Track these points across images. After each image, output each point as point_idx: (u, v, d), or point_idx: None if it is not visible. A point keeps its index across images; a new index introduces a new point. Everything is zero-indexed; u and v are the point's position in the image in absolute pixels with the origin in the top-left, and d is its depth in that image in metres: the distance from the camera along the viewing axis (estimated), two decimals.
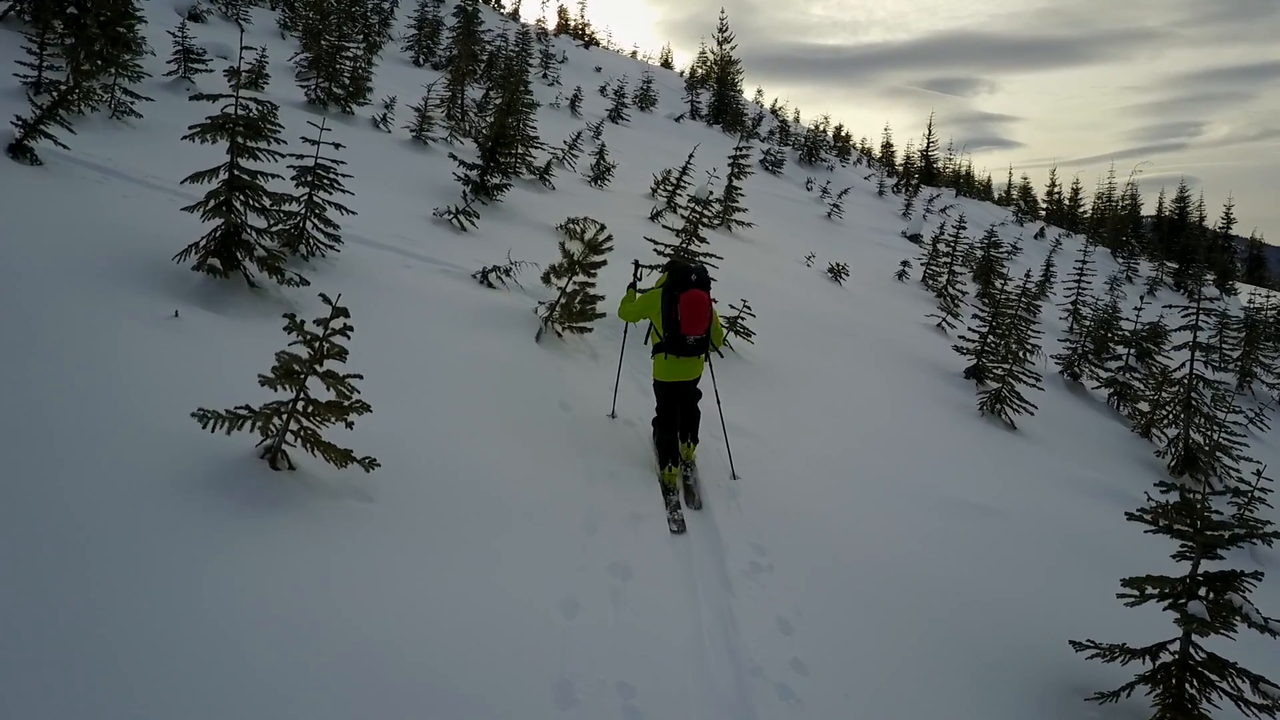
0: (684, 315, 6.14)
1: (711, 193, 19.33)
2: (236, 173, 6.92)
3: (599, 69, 44.86)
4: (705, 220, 9.32)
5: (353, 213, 8.29)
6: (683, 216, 9.49)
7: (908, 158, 57.00)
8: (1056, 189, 59.09)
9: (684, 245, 9.45)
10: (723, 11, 44.81)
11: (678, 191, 19.48)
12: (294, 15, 26.89)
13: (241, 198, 6.98)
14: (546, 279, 8.42)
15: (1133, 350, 14.36)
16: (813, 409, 8.70)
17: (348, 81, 16.23)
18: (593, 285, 8.23)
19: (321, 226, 8.12)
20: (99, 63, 10.90)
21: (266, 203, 7.15)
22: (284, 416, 4.46)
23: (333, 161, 8.11)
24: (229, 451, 4.50)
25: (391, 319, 7.23)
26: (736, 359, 9.46)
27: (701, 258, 9.46)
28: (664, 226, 9.84)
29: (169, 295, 6.41)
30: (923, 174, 49.13)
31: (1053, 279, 27.26)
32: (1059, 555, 6.91)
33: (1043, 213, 55.54)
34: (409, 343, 6.86)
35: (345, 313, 4.48)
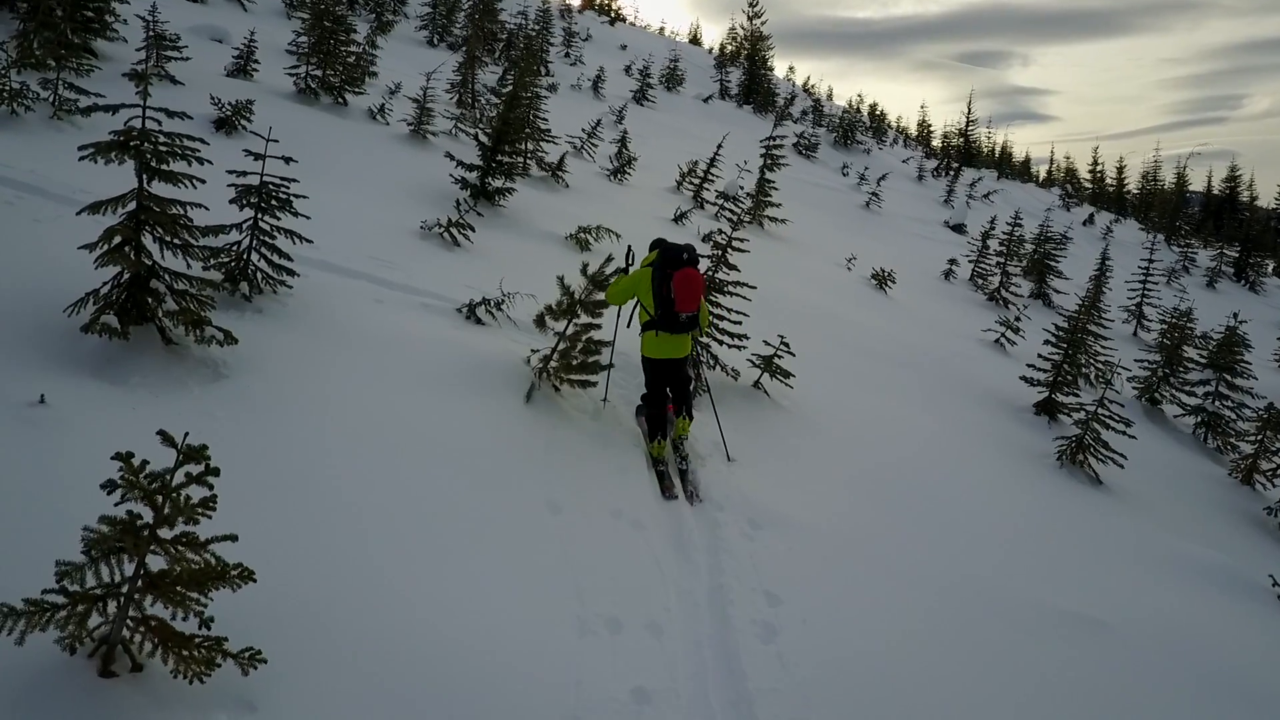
0: (679, 293, 6.11)
1: (742, 188, 17.77)
2: (146, 202, 5.48)
3: (624, 46, 43.00)
4: (735, 244, 7.78)
5: (308, 240, 6.82)
6: (710, 238, 7.92)
7: (945, 137, 54.63)
8: (1099, 167, 56.49)
9: (711, 272, 7.93)
10: None
11: (705, 185, 17.89)
12: None
13: (155, 233, 5.55)
14: (540, 322, 6.94)
15: (1223, 375, 12.60)
16: (867, 476, 7.17)
17: (341, 68, 14.71)
18: (598, 328, 6.74)
19: (270, 256, 6.68)
20: (37, 53, 9.53)
21: (191, 238, 5.71)
22: (117, 602, 3.04)
23: (283, 179, 6.62)
24: (41, 648, 3.08)
25: (341, 382, 5.79)
26: (774, 407, 7.95)
27: (731, 287, 7.94)
28: (702, 254, 8.27)
29: (50, 363, 5.03)
30: (962, 154, 46.75)
31: (1109, 273, 25.32)
32: (1198, 697, 5.35)
33: (1086, 190, 52.99)
34: (356, 420, 5.41)
35: (200, 454, 3.01)
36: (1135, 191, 53.89)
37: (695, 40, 58.85)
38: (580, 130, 18.70)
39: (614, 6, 54.84)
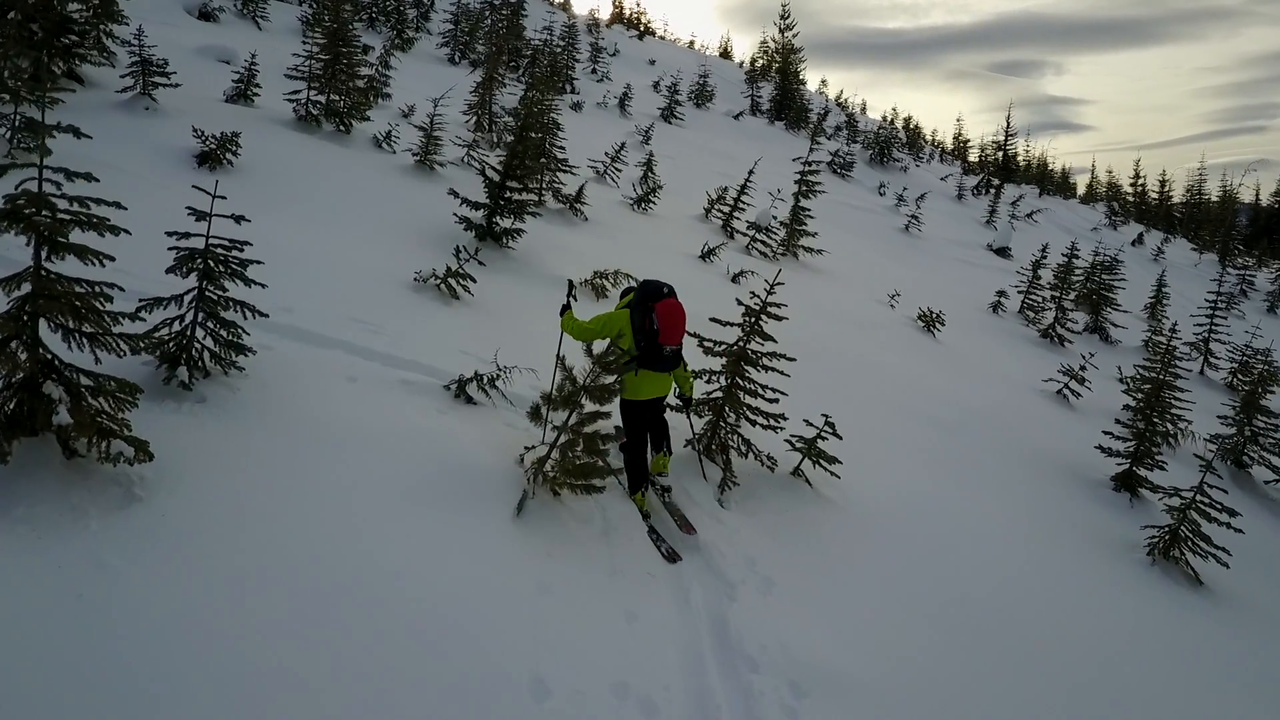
0: (663, 324, 5.81)
1: (775, 218, 16.58)
2: (44, 287, 4.42)
3: (653, 62, 42.08)
4: (770, 310, 6.61)
5: (263, 315, 5.73)
6: (739, 279, 6.79)
7: (982, 151, 53.05)
8: (1141, 179, 54.35)
9: (743, 343, 6.74)
10: None
11: (735, 213, 16.71)
12: (319, 11, 24.58)
13: (56, 321, 4.49)
14: (535, 414, 5.81)
15: None
16: (933, 596, 5.93)
17: (345, 91, 13.74)
18: (606, 417, 5.59)
19: (218, 332, 5.60)
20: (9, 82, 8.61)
21: (102, 325, 4.64)
22: None
23: (231, 242, 5.53)
24: None
25: (285, 502, 4.67)
26: (817, 500, 6.73)
27: (767, 358, 6.75)
28: (732, 320, 7.11)
29: None
30: (1001, 170, 45.06)
31: (1166, 300, 23.79)
32: None
33: (1130, 205, 50.98)
34: (298, 560, 4.28)
35: None
36: (1180, 204, 51.92)
37: (726, 54, 57.76)
38: (604, 154, 17.64)
39: (643, 20, 53.99)
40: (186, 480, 4.63)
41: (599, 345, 5.62)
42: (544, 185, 13.35)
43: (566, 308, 6.32)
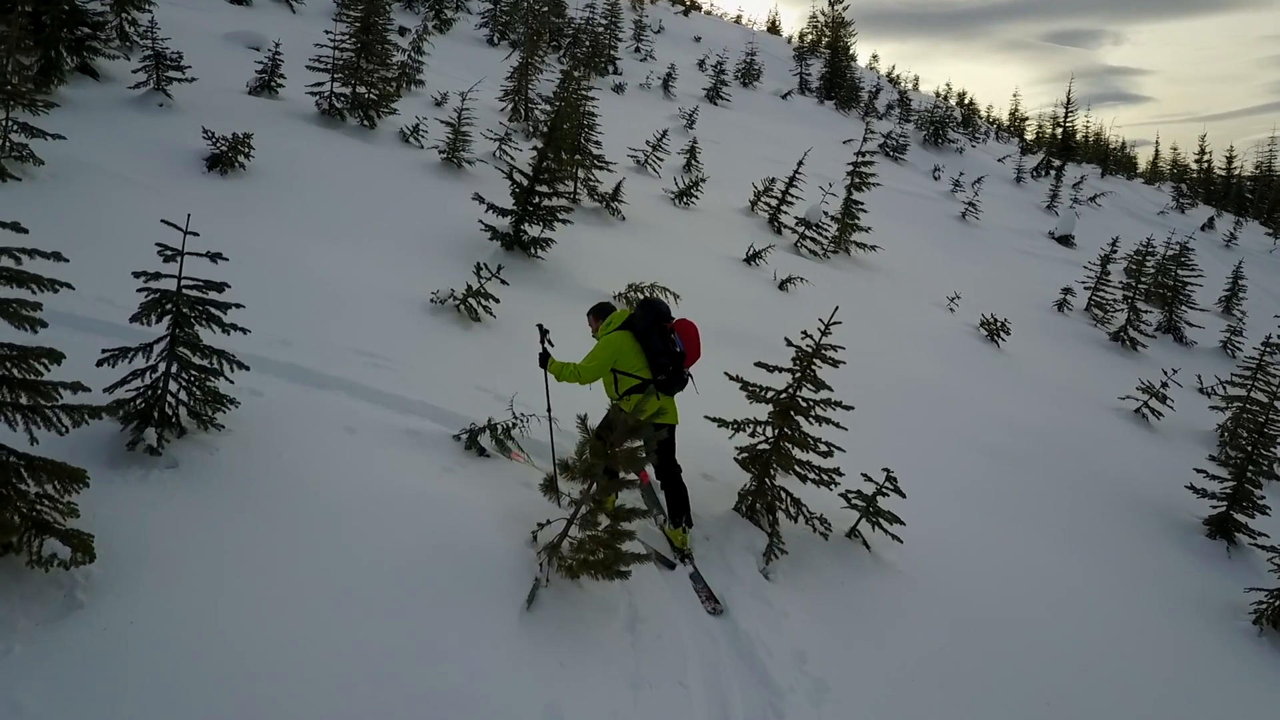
0: (687, 345, 5.53)
1: (826, 213, 15.58)
2: None
3: (698, 39, 40.79)
4: (825, 351, 5.72)
5: (245, 367, 5.01)
6: (794, 349, 5.91)
7: (1039, 129, 50.73)
8: (1207, 155, 51.46)
9: (792, 390, 5.88)
10: None
11: (783, 206, 15.73)
12: None
13: None
14: (549, 488, 5.05)
15: None
16: (1017, 699, 5.07)
17: (370, 84, 13.05)
18: (632, 485, 4.82)
19: (192, 383, 4.93)
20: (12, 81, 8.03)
21: (42, 398, 3.96)
22: None
23: (207, 283, 4.81)
24: None
25: (257, 605, 3.98)
26: (876, 566, 5.88)
27: (820, 407, 5.88)
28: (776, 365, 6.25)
29: None
30: (1061, 148, 42.92)
31: (1242, 294, 22.28)
32: None
33: (1197, 181, 48.43)
34: (264, 689, 3.59)
35: None
36: (1250, 178, 49.19)
37: (773, 28, 55.99)
38: (645, 142, 16.74)
39: None
40: (141, 575, 3.97)
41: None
42: (578, 184, 12.53)
43: (547, 356, 5.48)
